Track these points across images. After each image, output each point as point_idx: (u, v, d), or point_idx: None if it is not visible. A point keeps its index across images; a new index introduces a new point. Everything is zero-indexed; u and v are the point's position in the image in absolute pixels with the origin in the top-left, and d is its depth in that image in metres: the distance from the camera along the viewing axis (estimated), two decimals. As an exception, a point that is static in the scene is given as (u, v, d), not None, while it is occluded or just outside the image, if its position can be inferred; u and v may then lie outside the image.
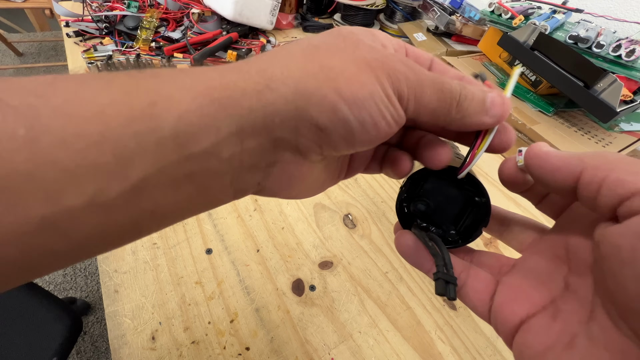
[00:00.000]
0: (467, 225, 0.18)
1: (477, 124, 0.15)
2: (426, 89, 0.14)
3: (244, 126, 0.12)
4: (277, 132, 0.12)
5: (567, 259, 0.15)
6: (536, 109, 0.58)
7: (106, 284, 0.34)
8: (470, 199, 0.18)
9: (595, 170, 0.12)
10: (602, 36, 0.48)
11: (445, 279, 0.15)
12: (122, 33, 0.70)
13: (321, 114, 0.12)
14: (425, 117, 0.14)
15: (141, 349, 0.30)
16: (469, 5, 0.73)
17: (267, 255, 0.39)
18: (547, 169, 0.14)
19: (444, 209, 0.19)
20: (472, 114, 0.14)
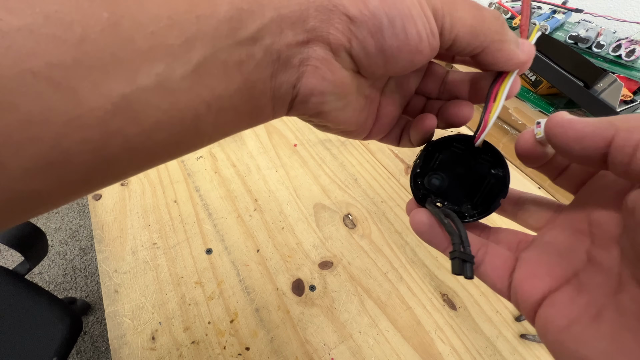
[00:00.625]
0: (484, 197, 0.18)
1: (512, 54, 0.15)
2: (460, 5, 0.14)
3: (284, 14, 0.12)
4: (310, 22, 0.13)
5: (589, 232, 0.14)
6: (536, 109, 0.58)
7: (106, 284, 0.34)
8: (488, 170, 0.17)
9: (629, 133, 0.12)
10: (602, 36, 0.48)
11: (462, 258, 0.15)
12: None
13: (352, 4, 0.13)
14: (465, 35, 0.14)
15: (141, 349, 0.30)
16: (469, 5, 0.73)
17: (267, 255, 0.39)
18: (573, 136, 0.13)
19: (459, 182, 0.18)
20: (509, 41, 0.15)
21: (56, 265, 1.16)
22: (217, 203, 0.43)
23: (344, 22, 0.13)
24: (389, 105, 0.19)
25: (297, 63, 0.13)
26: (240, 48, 0.12)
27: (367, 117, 0.18)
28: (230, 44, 0.11)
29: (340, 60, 0.14)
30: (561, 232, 0.16)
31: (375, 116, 0.19)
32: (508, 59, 0.15)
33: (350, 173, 0.49)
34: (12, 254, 1.17)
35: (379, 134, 0.19)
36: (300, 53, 0.13)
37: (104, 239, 0.38)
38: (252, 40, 0.12)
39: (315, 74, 0.14)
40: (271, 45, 0.12)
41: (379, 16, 0.13)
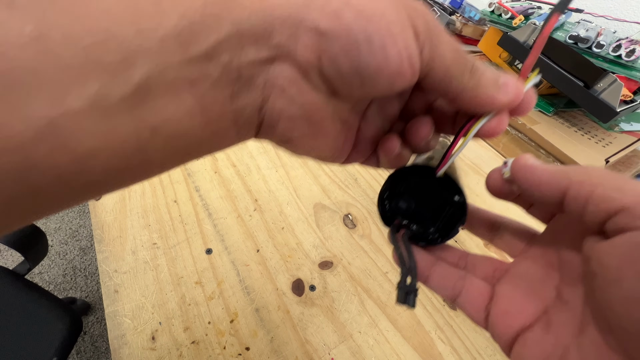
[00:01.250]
0: (445, 223, 0.19)
1: (490, 98, 0.14)
2: (443, 40, 0.13)
3: (244, 29, 0.11)
4: (276, 37, 0.11)
5: (558, 266, 0.15)
6: (536, 109, 0.58)
7: (106, 284, 0.34)
8: (449, 198, 0.18)
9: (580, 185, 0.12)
10: (602, 36, 0.48)
11: (406, 290, 0.16)
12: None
13: (323, 17, 0.11)
14: (439, 74, 0.13)
15: (141, 349, 0.30)
16: (469, 5, 0.73)
17: (267, 255, 0.39)
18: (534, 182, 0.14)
19: (424, 206, 0.19)
20: (485, 85, 0.14)
21: (56, 265, 1.16)
22: (217, 203, 0.43)
23: (313, 37, 0.12)
24: (369, 130, 0.18)
25: (261, 83, 0.12)
26: (192, 65, 0.10)
27: (344, 142, 0.17)
28: (180, 60, 0.10)
29: (310, 81, 0.13)
30: (533, 264, 0.16)
31: (354, 141, 0.17)
32: (483, 106, 0.14)
33: (350, 173, 0.49)
34: (12, 254, 1.17)
35: (358, 159, 0.18)
36: (265, 72, 0.12)
37: (104, 239, 0.38)
38: (206, 57, 0.11)
39: (283, 96, 0.13)
40: (230, 63, 0.11)
41: (355, 31, 0.11)
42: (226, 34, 0.11)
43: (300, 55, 0.12)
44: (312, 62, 0.12)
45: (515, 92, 0.14)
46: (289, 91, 0.13)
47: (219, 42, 0.11)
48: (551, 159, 0.53)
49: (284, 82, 0.12)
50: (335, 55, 0.12)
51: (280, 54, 0.12)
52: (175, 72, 0.10)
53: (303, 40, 0.12)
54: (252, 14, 0.11)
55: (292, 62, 0.12)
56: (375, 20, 0.12)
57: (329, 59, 0.12)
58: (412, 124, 0.17)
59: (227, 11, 0.11)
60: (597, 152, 0.50)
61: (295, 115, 0.13)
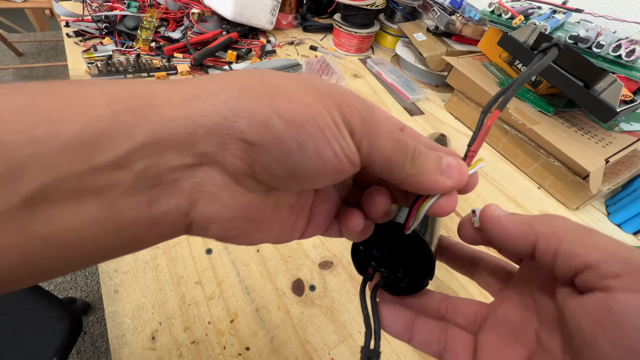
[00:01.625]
0: (415, 275, 0.19)
1: (433, 182, 0.14)
2: (381, 133, 0.13)
3: (163, 136, 0.10)
4: (201, 146, 0.11)
5: (535, 309, 0.15)
6: (536, 109, 0.58)
7: (106, 284, 0.34)
8: (418, 252, 0.19)
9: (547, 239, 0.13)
10: (602, 36, 0.48)
11: (368, 355, 0.16)
12: (122, 33, 0.70)
13: (250, 128, 0.11)
14: (380, 165, 0.13)
15: (141, 349, 0.30)
16: (469, 5, 0.73)
17: (267, 255, 0.39)
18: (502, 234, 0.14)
19: (396, 257, 0.19)
20: (428, 172, 0.14)
21: (56, 265, 1.16)
22: (217, 203, 0.43)
23: (241, 147, 0.11)
24: (324, 204, 0.17)
25: (187, 187, 0.11)
26: (98, 175, 0.10)
27: (295, 223, 0.16)
28: (83, 170, 0.09)
29: (243, 184, 0.12)
30: (511, 307, 0.16)
31: (308, 218, 0.17)
32: (429, 190, 0.14)
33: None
34: (12, 254, 1.17)
35: (316, 232, 0.18)
36: (191, 177, 0.11)
37: (104, 239, 0.38)
38: (115, 166, 0.10)
39: (213, 200, 0.12)
40: (146, 170, 0.10)
41: (286, 141, 0.11)
42: (141, 142, 0.10)
43: (229, 163, 0.11)
44: (243, 170, 0.12)
45: (459, 176, 0.15)
46: (219, 195, 0.12)
47: (132, 150, 0.10)
48: (551, 159, 0.53)
49: (213, 188, 0.12)
50: (267, 164, 0.12)
51: (207, 161, 0.11)
52: (76, 182, 0.09)
53: (231, 150, 0.11)
54: (172, 121, 0.11)
55: (222, 169, 0.12)
56: (308, 128, 0.11)
57: (260, 167, 0.12)
58: (367, 196, 0.16)
59: (143, 119, 0.10)
60: (597, 152, 0.50)
61: (228, 218, 0.12)
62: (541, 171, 0.55)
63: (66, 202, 0.09)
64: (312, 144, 0.11)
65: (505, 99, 0.16)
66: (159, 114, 0.10)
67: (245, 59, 0.72)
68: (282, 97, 0.12)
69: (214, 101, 0.11)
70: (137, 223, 0.11)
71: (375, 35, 0.89)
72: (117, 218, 0.10)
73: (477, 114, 0.63)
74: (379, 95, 0.71)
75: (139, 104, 0.10)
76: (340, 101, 0.12)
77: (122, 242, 0.11)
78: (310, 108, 0.12)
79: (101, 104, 0.10)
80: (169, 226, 0.12)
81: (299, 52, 0.80)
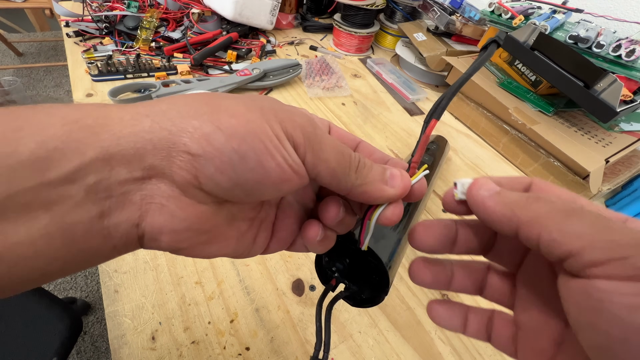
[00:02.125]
0: (374, 287, 0.20)
1: (378, 192, 0.15)
2: (325, 146, 0.14)
3: (113, 152, 0.11)
4: (149, 159, 0.12)
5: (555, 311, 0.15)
6: (536, 109, 0.58)
7: (106, 284, 0.34)
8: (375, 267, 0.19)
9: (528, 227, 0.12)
10: (602, 36, 0.48)
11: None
12: (122, 33, 0.70)
13: (193, 141, 0.12)
14: (326, 176, 0.14)
15: (141, 349, 0.30)
16: (469, 5, 0.73)
17: (267, 256, 0.39)
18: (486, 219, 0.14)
19: (357, 270, 0.20)
20: (372, 182, 0.15)
21: (56, 265, 1.16)
22: (217, 203, 0.43)
23: (186, 160, 0.12)
24: (287, 219, 0.18)
25: (137, 200, 0.12)
26: (50, 189, 0.10)
27: (256, 237, 0.17)
28: (35, 185, 0.10)
29: (191, 195, 0.13)
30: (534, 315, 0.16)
31: (271, 233, 0.17)
32: (374, 199, 0.15)
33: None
34: (12, 254, 1.17)
35: (280, 247, 0.18)
36: (141, 190, 0.12)
37: (104, 239, 0.38)
38: (67, 180, 0.10)
39: (162, 211, 0.12)
40: (97, 184, 0.11)
41: (227, 153, 0.12)
42: (92, 157, 0.11)
43: (176, 175, 0.12)
44: (189, 181, 0.12)
45: (402, 185, 0.16)
46: (169, 206, 0.12)
47: (83, 165, 0.11)
48: (551, 159, 0.53)
49: (162, 199, 0.12)
50: (212, 174, 0.12)
51: (155, 174, 0.12)
52: (28, 196, 0.10)
53: (177, 162, 0.12)
54: (122, 138, 0.11)
55: (169, 181, 0.12)
56: (248, 141, 0.12)
57: (205, 178, 0.12)
58: (322, 205, 0.17)
59: (94, 137, 0.11)
60: (597, 152, 0.50)
61: (178, 229, 0.13)
62: (541, 171, 0.55)
63: (18, 217, 0.10)
64: (252, 155, 0.12)
65: (442, 107, 0.16)
66: (109, 131, 0.11)
67: (245, 59, 0.72)
68: (225, 114, 0.12)
69: (162, 119, 0.12)
70: (89, 235, 0.11)
71: (375, 35, 0.89)
72: (69, 231, 0.11)
73: (477, 114, 0.63)
74: (379, 95, 0.71)
75: (92, 123, 0.11)
76: (283, 117, 0.13)
77: (76, 255, 0.11)
78: (252, 123, 0.12)
79: (57, 124, 0.11)
80: (122, 238, 0.12)
81: (299, 52, 0.80)
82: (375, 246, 0.19)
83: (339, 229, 0.17)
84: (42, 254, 0.11)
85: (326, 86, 0.68)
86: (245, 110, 0.13)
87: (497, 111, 0.60)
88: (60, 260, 0.11)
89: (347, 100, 0.68)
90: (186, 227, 0.13)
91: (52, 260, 0.11)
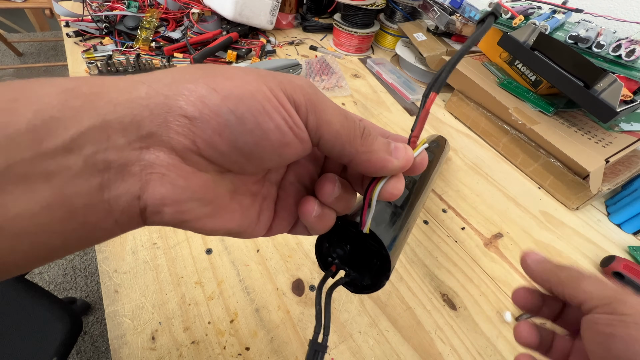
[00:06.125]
0: (375, 273, 0.19)
1: (382, 161, 0.15)
2: (328, 108, 0.13)
3: (110, 120, 0.11)
4: (146, 127, 0.11)
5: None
6: (536, 109, 0.58)
7: (106, 284, 0.34)
8: (376, 252, 0.19)
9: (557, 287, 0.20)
10: (602, 36, 0.48)
11: (315, 348, 0.17)
12: (122, 33, 0.70)
13: (189, 104, 0.12)
14: (330, 140, 0.14)
15: (141, 349, 0.30)
16: (469, 5, 0.73)
17: (267, 255, 0.39)
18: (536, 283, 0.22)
19: (358, 255, 0.20)
20: (377, 151, 0.15)
21: (56, 265, 1.16)
22: (217, 203, 0.43)
23: (183, 124, 0.12)
24: (289, 198, 0.18)
25: (137, 171, 0.12)
26: (47, 159, 0.10)
27: (259, 214, 0.16)
28: (33, 155, 0.10)
29: (192, 163, 0.12)
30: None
31: (273, 211, 0.17)
32: (378, 169, 0.15)
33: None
34: (12, 254, 1.17)
35: (283, 228, 0.18)
36: (140, 160, 0.12)
37: (104, 239, 0.38)
38: (64, 150, 0.10)
39: (163, 181, 0.12)
40: (94, 155, 0.11)
41: (223, 114, 0.12)
42: (89, 125, 0.11)
43: (174, 141, 0.12)
44: (188, 147, 0.12)
45: (406, 158, 0.15)
46: (169, 176, 0.12)
47: (79, 134, 0.10)
48: (551, 159, 0.53)
49: (162, 169, 0.12)
50: (209, 138, 0.12)
51: (153, 142, 0.12)
52: (26, 167, 0.10)
53: (174, 128, 0.12)
54: (118, 105, 0.11)
55: (168, 148, 0.12)
56: (245, 101, 0.12)
57: (203, 142, 0.12)
58: (318, 182, 0.17)
59: (90, 104, 0.11)
60: (597, 152, 0.50)
61: (182, 199, 0.13)
62: (541, 171, 0.55)
63: (17, 188, 0.10)
64: (250, 116, 0.12)
65: (441, 80, 0.16)
66: (105, 99, 0.11)
67: (245, 58, 0.71)
68: (221, 77, 0.12)
69: (158, 85, 0.12)
70: (90, 208, 0.11)
71: (375, 35, 0.89)
72: (69, 203, 0.11)
73: (477, 114, 0.63)
74: (379, 95, 0.71)
75: (87, 92, 0.11)
76: (282, 79, 0.13)
77: (78, 230, 0.11)
78: (249, 85, 0.12)
79: (52, 93, 0.10)
80: (123, 212, 0.12)
81: (299, 52, 0.80)
82: (377, 229, 0.18)
83: (337, 206, 0.17)
84: (43, 228, 0.10)
85: (326, 86, 0.68)
86: (243, 74, 0.13)
87: (497, 111, 0.60)
88: (62, 235, 0.11)
89: (347, 100, 0.68)
90: (189, 196, 0.13)
91: (53, 235, 0.11)
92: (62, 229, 0.11)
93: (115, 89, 0.11)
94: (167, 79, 0.12)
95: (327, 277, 0.19)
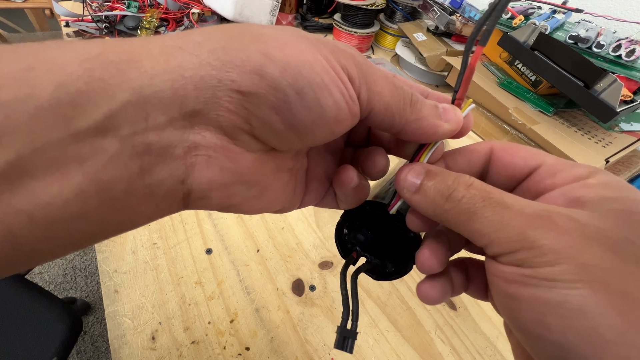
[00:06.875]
0: (400, 258, 0.18)
1: (434, 128, 0.14)
2: (378, 78, 0.12)
3: (147, 94, 0.09)
4: (190, 104, 0.10)
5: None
6: (536, 109, 0.58)
7: (106, 284, 0.34)
8: (403, 235, 0.18)
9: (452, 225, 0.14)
10: (602, 36, 0.48)
11: (344, 335, 0.16)
12: (122, 33, 0.70)
13: (243, 76, 0.10)
14: (380, 112, 0.13)
15: (141, 349, 0.30)
16: (469, 5, 0.73)
17: (267, 255, 0.39)
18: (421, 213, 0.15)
19: (381, 240, 0.19)
20: (427, 117, 0.14)
21: (56, 265, 1.16)
22: (217, 203, 0.43)
23: (235, 99, 0.10)
24: (318, 168, 0.17)
25: (181, 153, 0.10)
26: (79, 142, 0.09)
27: (295, 189, 0.16)
28: (63, 137, 0.08)
29: (241, 143, 0.11)
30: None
31: (305, 183, 0.16)
32: (429, 135, 0.14)
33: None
34: (12, 254, 1.17)
35: (313, 200, 0.17)
36: (183, 141, 0.10)
37: (104, 239, 0.38)
38: (97, 131, 0.09)
39: (210, 164, 0.11)
40: (132, 135, 0.09)
41: (282, 89, 0.10)
42: (122, 102, 0.09)
43: (224, 121, 0.10)
44: (240, 126, 0.11)
45: (456, 119, 0.14)
46: (216, 158, 0.11)
47: (114, 112, 0.09)
48: (551, 159, 0.53)
49: (208, 150, 0.11)
50: (265, 116, 0.11)
51: (199, 120, 0.10)
52: (56, 150, 0.08)
53: (224, 104, 0.10)
54: (155, 76, 0.09)
55: (215, 127, 0.11)
56: (305, 74, 0.10)
57: (259, 121, 0.11)
58: (368, 156, 0.16)
59: (121, 76, 0.09)
60: (597, 152, 0.50)
61: (229, 182, 0.11)
62: (541, 171, 0.55)
63: (47, 174, 0.08)
64: (310, 91, 0.11)
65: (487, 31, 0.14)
66: (139, 69, 0.09)
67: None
68: (274, 43, 0.11)
69: (200, 52, 0.10)
70: (130, 195, 0.10)
71: (375, 35, 0.89)
72: (106, 190, 0.09)
73: (477, 114, 0.63)
74: (379, 95, 0.71)
75: (116, 59, 0.09)
76: (333, 47, 0.11)
77: (116, 217, 0.10)
78: (305, 54, 0.11)
79: (74, 61, 0.09)
80: (165, 197, 0.11)
81: (299, 52, 0.80)
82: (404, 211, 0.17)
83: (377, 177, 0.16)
84: (78, 216, 0.09)
85: (326, 86, 0.68)
86: (293, 40, 0.11)
87: (497, 111, 0.60)
88: (98, 222, 0.10)
89: (347, 100, 0.68)
90: (237, 179, 0.12)
91: (90, 222, 0.10)
92: (99, 216, 0.10)
93: (149, 56, 0.10)
94: (210, 44, 0.10)
95: (349, 263, 0.19)
